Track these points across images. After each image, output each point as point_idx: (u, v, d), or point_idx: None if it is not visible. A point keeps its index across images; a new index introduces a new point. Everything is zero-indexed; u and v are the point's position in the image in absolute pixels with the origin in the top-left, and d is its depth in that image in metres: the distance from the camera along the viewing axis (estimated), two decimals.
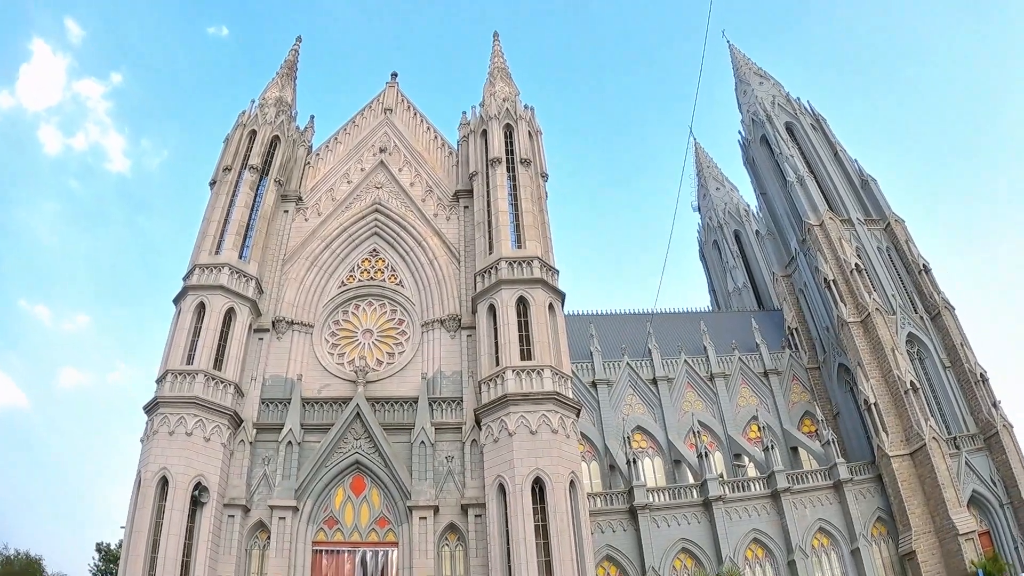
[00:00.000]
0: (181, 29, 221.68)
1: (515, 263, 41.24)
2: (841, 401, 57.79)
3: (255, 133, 49.00)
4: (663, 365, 58.13)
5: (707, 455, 48.68)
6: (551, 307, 40.36)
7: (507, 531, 33.39)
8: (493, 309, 40.13)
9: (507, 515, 33.67)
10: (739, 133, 76.14)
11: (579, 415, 38.63)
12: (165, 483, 34.37)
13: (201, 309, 40.02)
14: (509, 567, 32.65)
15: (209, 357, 38.36)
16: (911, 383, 50.45)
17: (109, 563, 75.10)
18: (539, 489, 33.99)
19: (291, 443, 37.90)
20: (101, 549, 78.46)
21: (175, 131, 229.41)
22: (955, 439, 49.98)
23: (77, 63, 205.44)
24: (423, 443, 37.96)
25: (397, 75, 57.84)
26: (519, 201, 44.55)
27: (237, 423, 38.12)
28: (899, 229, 60.94)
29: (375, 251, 47.36)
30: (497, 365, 38.10)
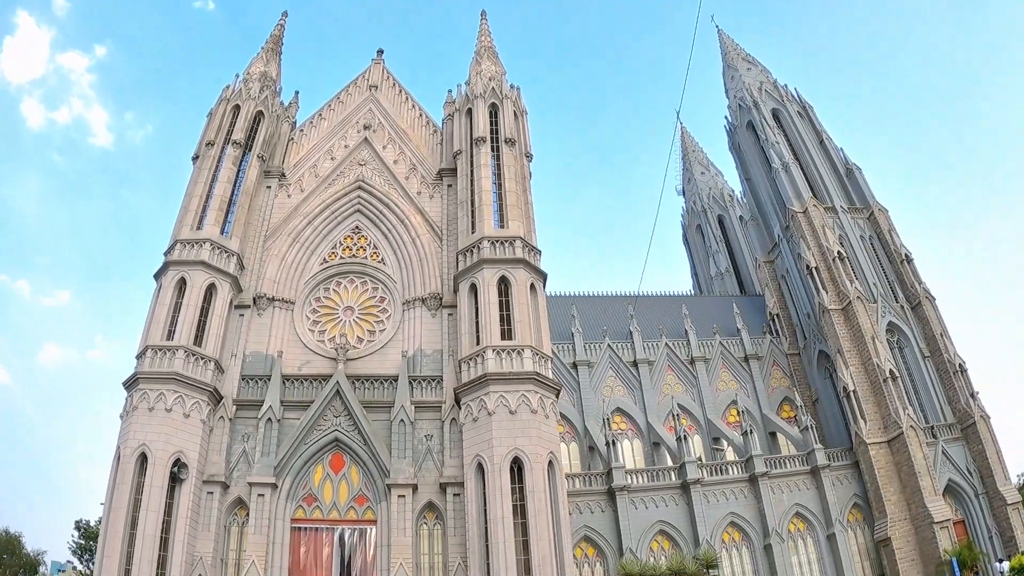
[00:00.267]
0: (167, 2, 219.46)
1: (497, 243, 41.11)
2: (820, 388, 58.23)
3: (239, 108, 48.40)
4: (644, 348, 58.30)
5: (686, 438, 48.94)
6: (533, 287, 40.33)
7: (485, 510, 33.53)
8: (475, 288, 40.03)
9: (485, 494, 33.78)
10: (725, 118, 76.13)
11: (559, 396, 38.78)
12: (144, 459, 34.15)
13: (182, 284, 39.70)
14: (487, 546, 32.82)
15: (189, 333, 38.09)
16: (890, 371, 50.79)
17: (88, 540, 75.04)
18: (517, 469, 34.12)
19: (271, 420, 37.77)
20: (80, 527, 78.39)
21: (159, 105, 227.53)
22: (932, 428, 50.37)
23: (61, 36, 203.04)
24: (402, 421, 37.95)
25: (383, 52, 57.41)
26: (503, 180, 44.32)
27: (217, 399, 37.96)
28: (882, 218, 61.13)
29: (357, 228, 47.08)
30: (477, 344, 38.09)
